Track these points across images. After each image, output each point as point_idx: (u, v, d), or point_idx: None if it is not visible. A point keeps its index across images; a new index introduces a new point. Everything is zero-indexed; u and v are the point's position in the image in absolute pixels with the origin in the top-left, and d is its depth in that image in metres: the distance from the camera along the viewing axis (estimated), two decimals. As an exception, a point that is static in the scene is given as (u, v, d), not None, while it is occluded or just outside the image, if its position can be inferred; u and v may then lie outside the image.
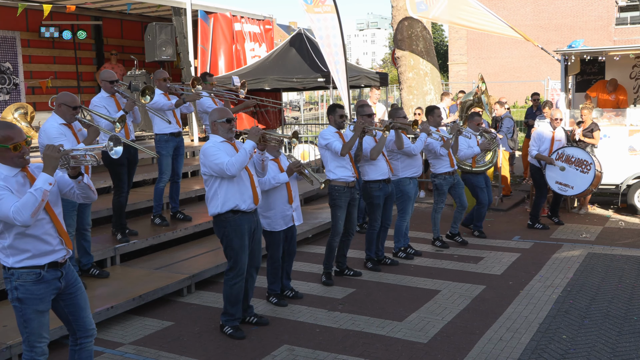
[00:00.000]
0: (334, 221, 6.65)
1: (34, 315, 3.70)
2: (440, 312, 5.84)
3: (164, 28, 11.82)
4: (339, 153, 6.44)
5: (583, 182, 8.83)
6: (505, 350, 4.96)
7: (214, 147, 5.06)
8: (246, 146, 5.03)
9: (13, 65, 12.26)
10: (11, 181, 3.60)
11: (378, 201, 7.03)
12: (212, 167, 5.02)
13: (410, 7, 12.38)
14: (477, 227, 8.77)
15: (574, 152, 8.94)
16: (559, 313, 5.75)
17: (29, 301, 3.67)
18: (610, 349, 4.95)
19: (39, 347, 3.75)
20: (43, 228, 3.68)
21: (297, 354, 5.00)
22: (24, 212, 3.45)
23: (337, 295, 6.40)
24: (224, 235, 5.24)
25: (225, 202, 5.12)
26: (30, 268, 3.66)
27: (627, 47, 10.63)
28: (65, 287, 3.83)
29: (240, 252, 5.24)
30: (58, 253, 3.76)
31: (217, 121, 5.16)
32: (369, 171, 6.96)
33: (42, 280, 3.69)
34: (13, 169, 3.64)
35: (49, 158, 3.59)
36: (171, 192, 8.00)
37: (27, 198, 3.48)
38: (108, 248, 6.85)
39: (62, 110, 5.78)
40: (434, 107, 8.07)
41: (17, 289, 3.66)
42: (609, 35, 31.80)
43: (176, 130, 7.65)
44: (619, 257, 7.55)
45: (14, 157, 3.61)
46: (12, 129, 3.64)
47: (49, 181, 3.56)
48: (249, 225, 5.27)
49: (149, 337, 5.40)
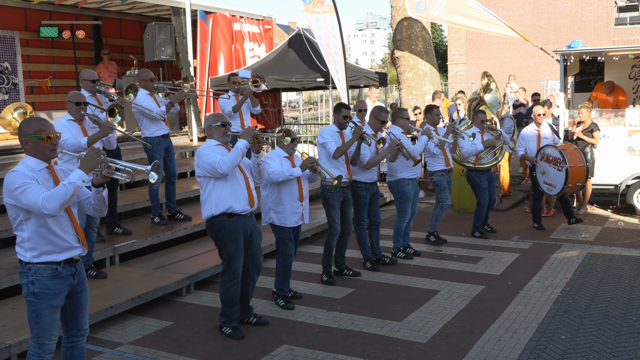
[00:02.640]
0: (330, 221, 6.67)
1: (48, 310, 3.75)
2: (439, 312, 5.85)
3: (163, 28, 11.82)
4: (332, 155, 6.48)
5: (560, 180, 8.68)
6: (504, 351, 4.97)
7: (207, 149, 5.10)
8: (238, 145, 5.04)
9: (12, 65, 12.25)
10: (38, 174, 3.72)
11: (364, 200, 7.10)
12: (205, 166, 5.04)
13: (410, 7, 12.39)
14: (476, 227, 8.76)
15: (551, 151, 8.85)
16: (558, 313, 5.75)
17: (44, 296, 3.73)
18: (609, 349, 4.95)
19: (48, 345, 3.79)
20: (62, 225, 3.78)
21: (296, 354, 5.00)
22: (53, 201, 3.55)
23: (336, 295, 6.40)
24: (217, 239, 5.24)
25: (219, 203, 5.11)
26: (48, 263, 3.74)
27: (626, 48, 10.64)
28: (76, 285, 3.91)
29: (234, 256, 5.23)
30: (74, 250, 3.86)
31: (212, 125, 5.17)
32: (358, 172, 7.01)
33: (58, 276, 3.76)
34: (40, 163, 3.77)
35: (89, 159, 3.70)
36: (167, 193, 7.98)
37: (59, 189, 3.60)
38: (107, 248, 6.84)
39: (68, 107, 6.10)
40: (433, 106, 8.11)
41: (33, 284, 3.73)
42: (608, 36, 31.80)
43: (165, 132, 7.68)
44: (618, 258, 7.56)
45: (46, 148, 3.75)
46: (43, 123, 3.82)
47: (83, 178, 3.67)
48: (244, 228, 5.25)
49: (148, 337, 5.40)
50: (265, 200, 5.90)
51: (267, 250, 7.62)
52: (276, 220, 5.88)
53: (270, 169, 5.66)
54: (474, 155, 8.58)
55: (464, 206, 10.34)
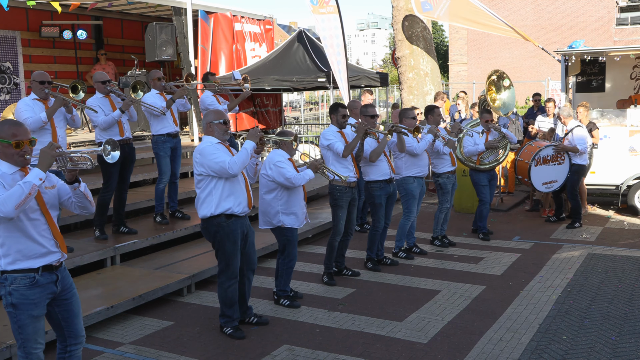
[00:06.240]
0: (335, 221, 6.65)
1: (29, 320, 3.63)
2: (440, 313, 5.84)
3: (165, 28, 11.82)
4: (341, 154, 6.45)
5: (563, 172, 9.11)
6: (505, 351, 4.96)
7: (211, 147, 5.04)
8: (247, 146, 5.01)
9: (13, 65, 12.27)
10: (7, 178, 3.56)
11: (379, 200, 7.03)
12: (212, 165, 4.99)
13: (416, 6, 12.40)
14: (480, 227, 8.70)
15: (547, 152, 9.14)
16: (559, 313, 5.75)
17: (23, 306, 3.60)
18: (610, 349, 4.94)
19: (35, 354, 3.69)
20: (37, 228, 3.63)
21: (297, 353, 5.00)
22: (8, 202, 3.38)
23: (337, 295, 6.40)
24: (215, 240, 5.21)
25: (220, 204, 5.08)
26: (24, 272, 3.59)
27: (627, 48, 10.64)
28: (61, 292, 3.77)
29: (233, 257, 5.22)
30: (52, 255, 3.69)
31: (213, 122, 5.13)
32: (370, 171, 6.97)
33: (36, 285, 3.62)
34: (12, 166, 3.61)
35: (44, 155, 3.56)
36: (170, 192, 8.00)
37: (14, 190, 3.43)
38: (108, 248, 6.85)
39: (33, 86, 6.29)
40: (434, 107, 8.06)
41: (11, 294, 3.59)
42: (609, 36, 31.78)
43: (173, 131, 7.64)
44: (619, 258, 7.55)
45: (14, 154, 3.57)
46: (18, 127, 3.61)
47: (40, 176, 3.49)
48: (242, 229, 5.24)
49: (149, 337, 5.40)
50: (271, 204, 5.83)
51: (267, 250, 7.63)
52: (287, 223, 5.86)
53: (289, 174, 5.65)
54: (475, 156, 8.58)
55: (465, 206, 10.34)
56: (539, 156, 9.14)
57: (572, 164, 9.10)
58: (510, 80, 10.29)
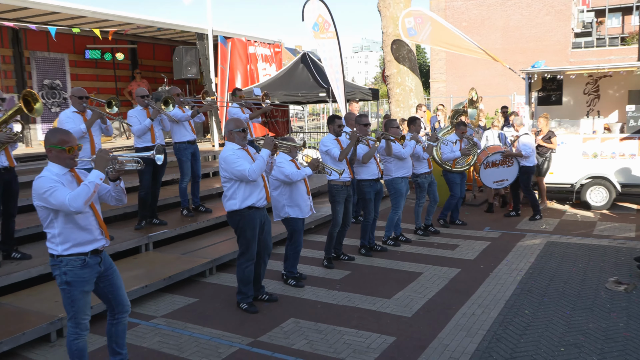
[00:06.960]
0: (334, 214, 6.67)
1: (80, 295, 3.68)
2: (422, 291, 5.87)
3: (190, 50, 11.86)
4: (337, 159, 6.49)
5: (513, 172, 9.16)
6: (477, 323, 4.99)
7: (233, 155, 5.04)
8: (263, 154, 5.03)
9: (62, 82, 12.32)
10: (62, 178, 3.63)
11: (369, 196, 7.07)
12: (234, 173, 5.01)
13: (403, 32, 12.53)
14: (443, 215, 8.82)
15: (495, 157, 9.22)
16: (522, 292, 5.77)
17: (76, 283, 3.65)
18: (565, 322, 4.97)
19: (83, 324, 3.74)
20: (87, 220, 3.69)
21: (302, 325, 5.03)
22: (78, 199, 3.46)
23: (335, 276, 6.43)
24: (238, 227, 5.24)
25: (244, 201, 5.11)
26: (77, 255, 3.65)
27: (581, 68, 10.64)
28: (104, 270, 3.83)
29: (252, 241, 5.25)
30: (99, 242, 3.76)
31: (233, 130, 5.15)
32: (362, 172, 7.01)
33: (87, 265, 3.68)
34: (63, 168, 3.67)
35: (100, 159, 3.63)
36: (193, 190, 8.06)
37: (81, 188, 3.50)
38: (143, 236, 6.88)
39: (72, 100, 6.31)
40: (416, 118, 8.11)
41: (66, 274, 3.64)
42: (566, 57, 31.68)
43: (192, 138, 7.70)
44: (573, 245, 7.57)
45: (67, 158, 3.65)
46: (67, 135, 3.69)
47: (100, 176, 3.59)
48: (260, 219, 5.28)
49: (178, 311, 5.43)
50: (278, 199, 5.87)
51: (278, 238, 7.65)
52: (292, 214, 5.88)
53: (287, 171, 5.67)
54: (451, 160, 8.65)
55: (442, 201, 10.34)
56: (488, 161, 9.25)
57: (521, 166, 9.14)
58: (478, 101, 10.60)
